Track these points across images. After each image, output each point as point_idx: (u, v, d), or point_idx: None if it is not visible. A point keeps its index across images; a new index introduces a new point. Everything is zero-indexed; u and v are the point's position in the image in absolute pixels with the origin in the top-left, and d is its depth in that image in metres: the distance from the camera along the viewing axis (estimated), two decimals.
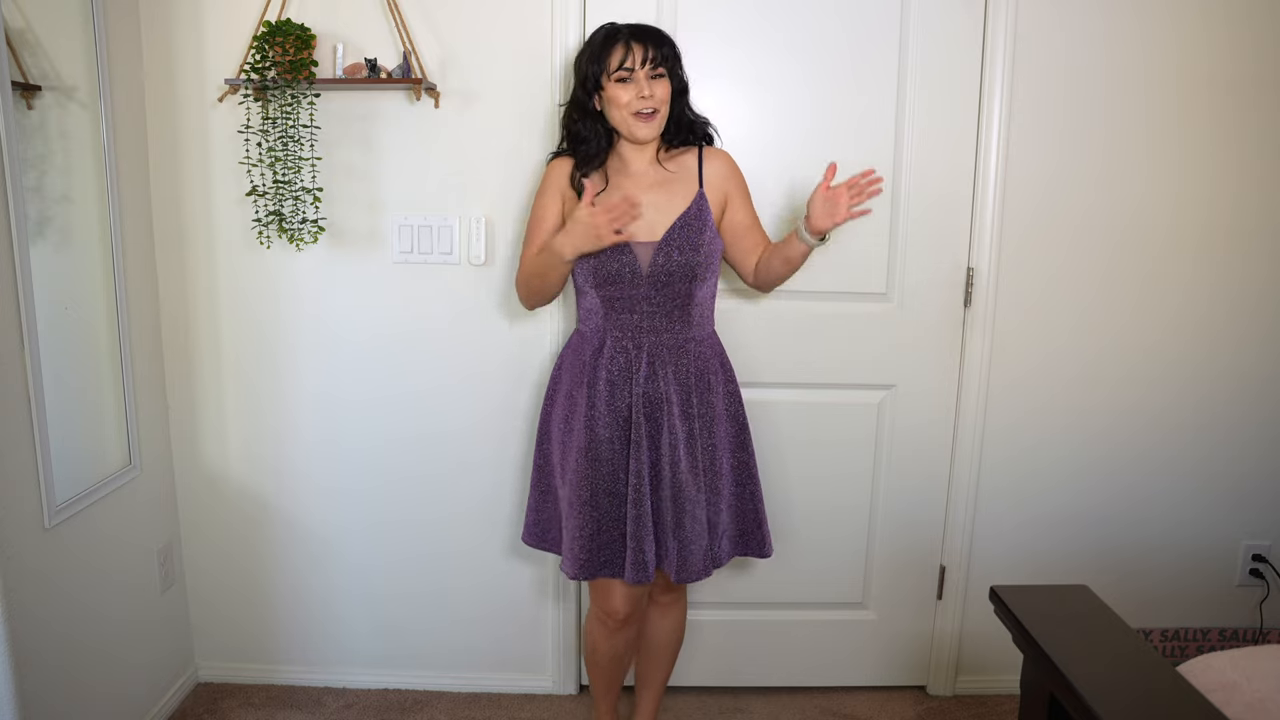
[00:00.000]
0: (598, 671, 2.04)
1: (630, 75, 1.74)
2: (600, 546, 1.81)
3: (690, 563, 1.81)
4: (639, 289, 1.78)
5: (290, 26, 1.93)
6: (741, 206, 1.89)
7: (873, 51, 2.09)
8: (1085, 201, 2.17)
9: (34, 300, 1.69)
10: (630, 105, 1.75)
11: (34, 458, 1.72)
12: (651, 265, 1.77)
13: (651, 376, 1.80)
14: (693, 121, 1.88)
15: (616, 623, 1.92)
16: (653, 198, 1.81)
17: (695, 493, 1.80)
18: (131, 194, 2.05)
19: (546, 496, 1.96)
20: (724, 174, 1.87)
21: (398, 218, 2.13)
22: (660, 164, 1.86)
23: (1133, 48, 2.10)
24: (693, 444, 1.81)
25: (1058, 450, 2.28)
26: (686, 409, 1.81)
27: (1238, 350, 2.26)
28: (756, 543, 1.95)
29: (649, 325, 1.81)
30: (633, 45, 1.74)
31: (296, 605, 2.33)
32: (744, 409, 1.93)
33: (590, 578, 1.83)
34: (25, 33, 1.71)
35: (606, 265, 1.77)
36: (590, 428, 1.80)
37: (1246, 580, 2.37)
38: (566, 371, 1.89)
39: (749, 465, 1.93)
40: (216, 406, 2.23)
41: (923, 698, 2.38)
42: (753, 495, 1.93)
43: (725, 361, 1.92)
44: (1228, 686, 1.31)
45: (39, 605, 1.74)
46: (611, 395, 1.80)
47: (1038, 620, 1.24)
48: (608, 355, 1.81)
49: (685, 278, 1.79)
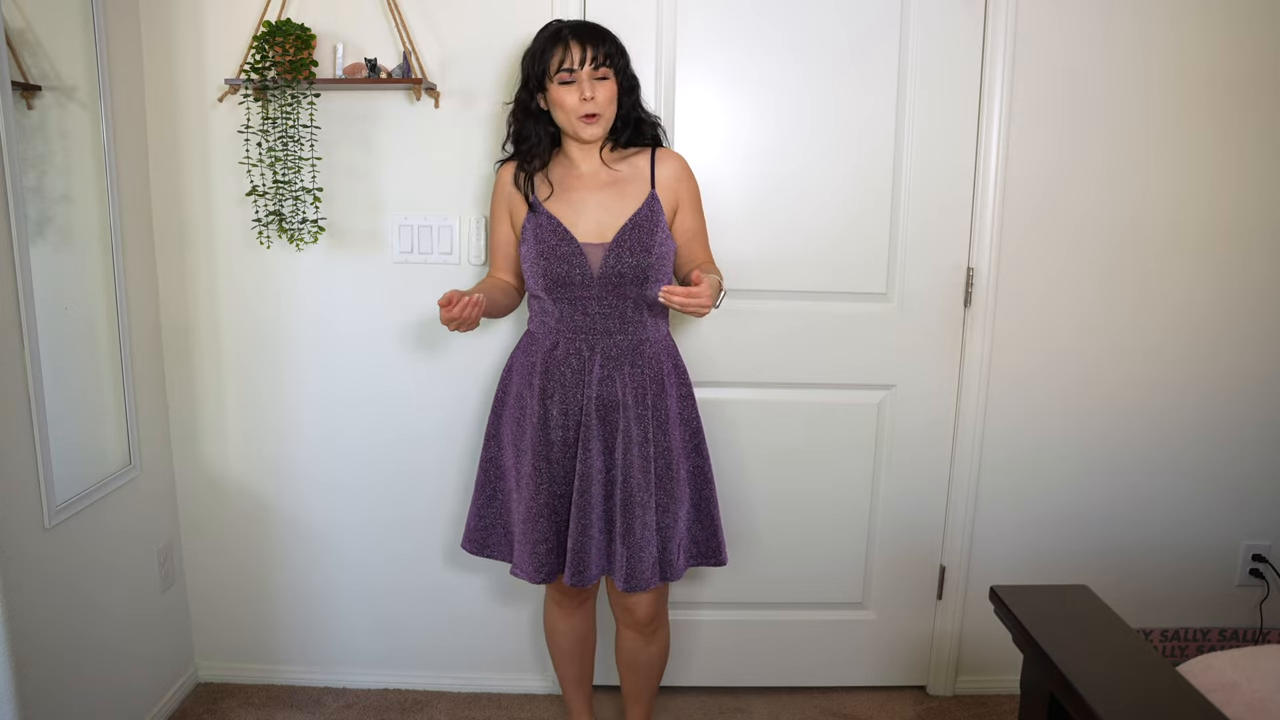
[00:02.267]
0: (563, 658, 2.03)
1: (572, 76, 1.71)
2: (554, 550, 1.81)
3: (638, 570, 1.77)
4: (590, 291, 1.76)
5: (290, 26, 1.93)
6: (691, 213, 1.85)
7: (873, 51, 2.09)
8: (1085, 201, 2.17)
9: (34, 300, 1.69)
10: (575, 109, 1.72)
11: (34, 457, 1.72)
12: (603, 267, 1.74)
13: (606, 379, 1.77)
14: (640, 120, 1.84)
15: (573, 602, 1.94)
16: (602, 198, 1.78)
17: (646, 498, 1.77)
18: (131, 194, 2.05)
19: (492, 501, 1.92)
20: (676, 176, 1.83)
21: (398, 218, 2.13)
22: (608, 164, 1.82)
23: (1132, 48, 2.10)
24: (646, 448, 1.78)
25: (1058, 450, 2.28)
26: (641, 412, 1.78)
27: (1238, 350, 2.26)
28: (712, 551, 1.91)
29: (602, 327, 1.78)
30: (572, 45, 1.71)
31: (296, 604, 2.33)
32: (698, 412, 1.89)
33: (545, 581, 1.83)
34: (25, 33, 1.71)
35: (556, 268, 1.74)
36: (544, 431, 1.78)
37: (1246, 580, 2.37)
38: (516, 373, 1.86)
39: (704, 470, 1.89)
40: (216, 406, 2.23)
41: (923, 698, 2.38)
42: (707, 502, 1.89)
43: (679, 363, 1.88)
44: (1228, 686, 1.31)
45: (39, 605, 1.74)
46: (564, 398, 1.78)
47: (1038, 620, 1.24)
48: (560, 357, 1.79)
49: (637, 280, 1.75)
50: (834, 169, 2.13)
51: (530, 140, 1.81)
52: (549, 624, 2.02)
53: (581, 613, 1.99)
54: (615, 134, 1.83)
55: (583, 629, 2.02)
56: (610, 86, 1.75)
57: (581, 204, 1.79)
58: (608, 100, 1.74)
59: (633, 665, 1.99)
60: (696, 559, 1.91)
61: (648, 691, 2.04)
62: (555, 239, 1.75)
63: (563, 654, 2.03)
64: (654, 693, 2.06)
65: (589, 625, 2.04)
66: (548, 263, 1.75)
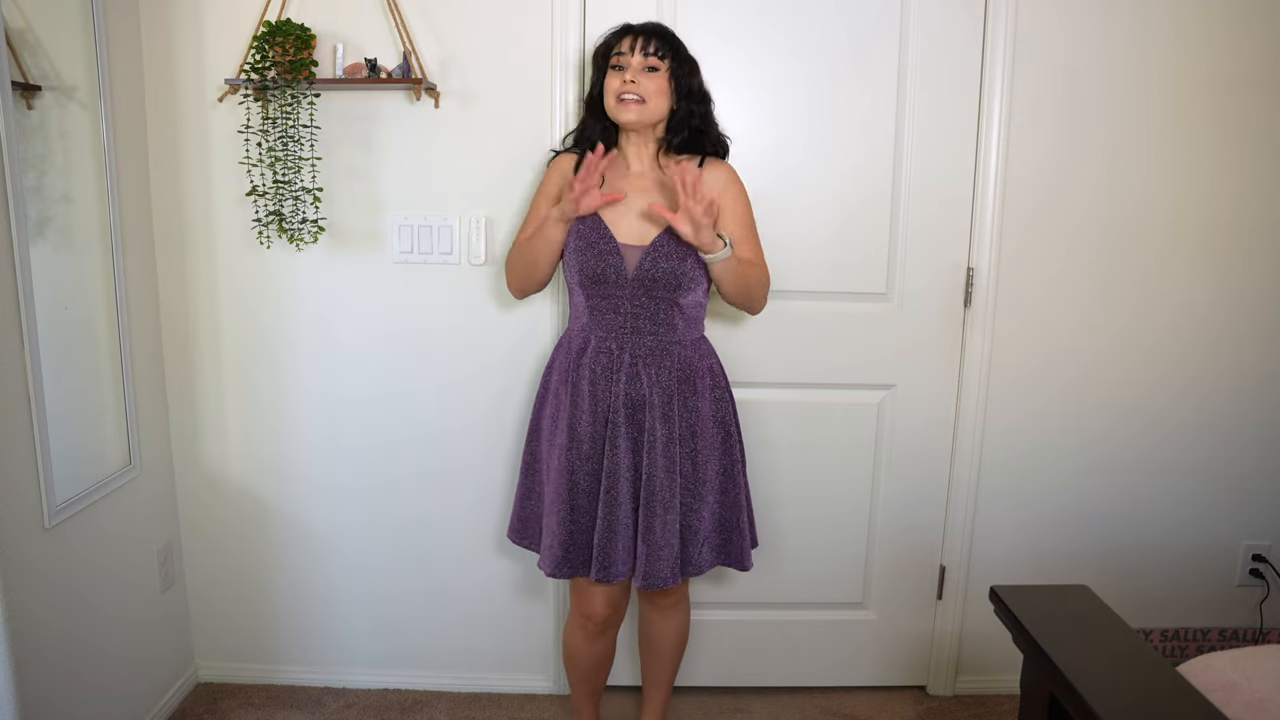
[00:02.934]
0: (578, 677, 2.03)
1: (623, 61, 1.77)
2: (577, 545, 1.81)
3: (656, 568, 1.78)
4: (623, 290, 1.78)
5: (290, 26, 1.93)
6: (733, 221, 1.85)
7: (873, 51, 2.09)
8: (1085, 201, 2.17)
9: (34, 300, 1.69)
10: (616, 90, 1.76)
11: (34, 458, 1.72)
12: (638, 269, 1.76)
13: (634, 378, 1.79)
14: (704, 132, 1.85)
15: (596, 627, 1.92)
16: (647, 200, 1.80)
17: (669, 497, 1.78)
18: (131, 194, 2.05)
19: (531, 493, 1.95)
20: (721, 184, 1.84)
21: (398, 218, 2.13)
22: (661, 168, 1.86)
23: (1132, 48, 2.10)
24: (671, 448, 1.79)
25: (1058, 450, 2.28)
26: (668, 412, 1.79)
27: (1238, 350, 2.26)
28: (737, 553, 1.92)
29: (632, 327, 1.80)
30: (629, 36, 1.77)
31: (296, 605, 2.33)
32: (735, 415, 1.91)
33: (567, 576, 1.83)
34: (25, 33, 1.71)
35: (592, 265, 1.77)
36: (572, 426, 1.80)
37: (1246, 580, 2.37)
38: (556, 370, 1.89)
39: (735, 473, 1.89)
40: (216, 406, 2.23)
41: (923, 698, 2.38)
42: (735, 504, 1.90)
43: (715, 366, 1.89)
44: (1228, 686, 1.31)
45: (39, 605, 1.74)
46: (594, 394, 1.80)
47: (1038, 620, 1.24)
48: (591, 355, 1.81)
49: (670, 285, 1.77)
50: (833, 168, 2.13)
51: (589, 133, 1.86)
52: (569, 647, 2.01)
53: (604, 640, 1.97)
54: (675, 141, 1.84)
55: (602, 654, 2.01)
56: (659, 80, 1.77)
57: (627, 204, 1.81)
58: (653, 91, 1.77)
59: (650, 641, 2.04)
60: (723, 559, 1.92)
61: (665, 676, 2.07)
62: (595, 235, 1.78)
63: (579, 674, 2.03)
64: (671, 679, 2.09)
65: (609, 652, 2.02)
66: (584, 258, 1.78)
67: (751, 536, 1.95)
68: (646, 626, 2.05)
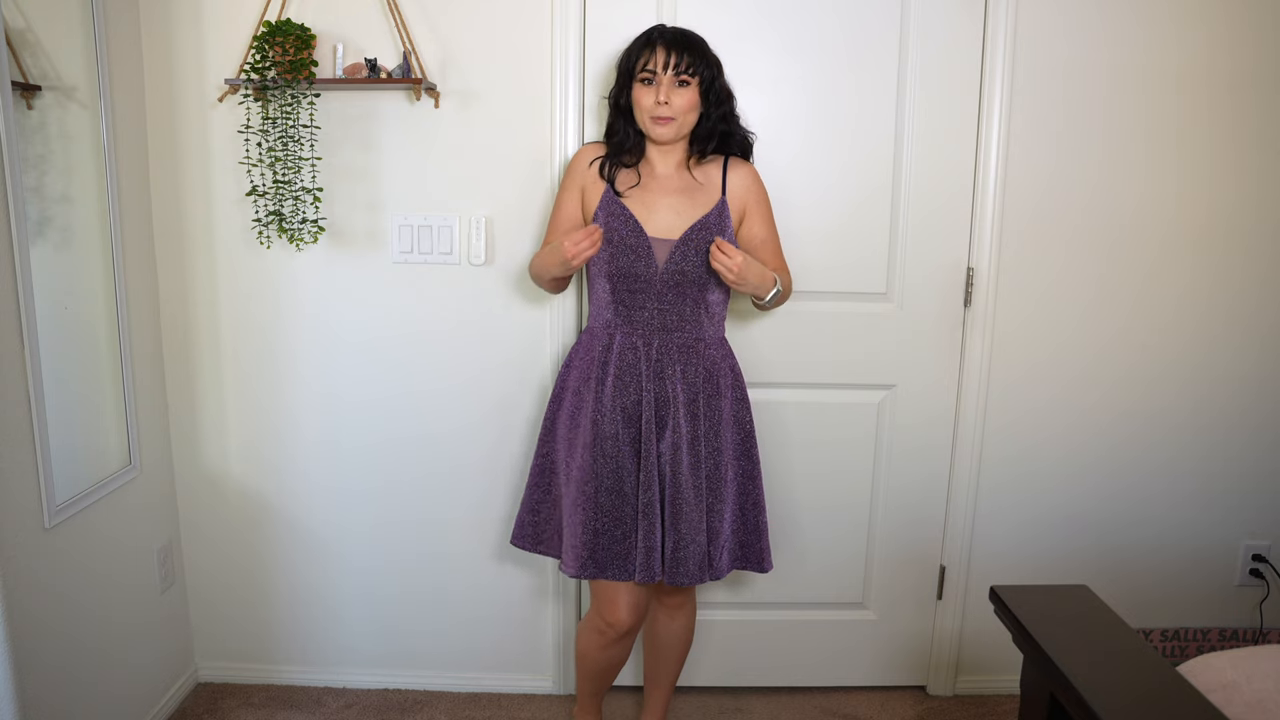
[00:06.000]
0: (587, 676, 2.03)
1: (653, 78, 1.76)
2: (602, 545, 1.80)
3: (684, 565, 1.79)
4: (652, 286, 1.79)
5: (290, 26, 1.93)
6: (758, 220, 1.89)
7: (873, 51, 2.09)
8: (1085, 201, 2.17)
9: (34, 300, 1.69)
10: (649, 110, 1.77)
11: (34, 458, 1.72)
12: (667, 265, 1.78)
13: (660, 375, 1.80)
14: (729, 133, 1.86)
15: (617, 634, 1.90)
16: (673, 201, 1.82)
17: (694, 495, 1.79)
18: (131, 194, 2.05)
19: (546, 497, 1.95)
20: (745, 185, 1.87)
21: (398, 218, 2.13)
22: (689, 170, 1.86)
23: (1133, 48, 2.10)
24: (696, 446, 1.81)
25: (1058, 450, 2.28)
26: (693, 410, 1.81)
27: (1237, 350, 2.26)
28: (755, 556, 1.92)
29: (660, 324, 1.81)
30: (659, 49, 1.76)
31: (296, 605, 2.33)
32: (752, 417, 1.93)
33: (591, 577, 1.82)
34: (25, 33, 1.71)
35: (623, 260, 1.78)
36: (596, 423, 1.80)
37: (1246, 580, 2.37)
38: (575, 369, 1.89)
39: (753, 475, 1.91)
40: (216, 406, 2.23)
41: (923, 698, 2.38)
42: (754, 505, 1.91)
43: (735, 367, 1.91)
44: (1228, 686, 1.31)
45: (39, 605, 1.74)
46: (619, 391, 1.80)
47: (1038, 620, 1.24)
48: (617, 351, 1.81)
49: (698, 282, 1.80)
50: (833, 168, 2.13)
51: (618, 136, 1.86)
52: (583, 649, 1.99)
53: (619, 646, 1.95)
54: (701, 144, 1.85)
55: (617, 658, 1.98)
56: (690, 95, 1.78)
57: (654, 204, 1.82)
58: (685, 107, 1.77)
59: (656, 641, 2.05)
60: (741, 562, 1.93)
61: (668, 676, 2.07)
62: (626, 230, 1.79)
63: (588, 675, 2.03)
64: (674, 679, 2.09)
65: (624, 656, 2.00)
66: (615, 252, 1.78)
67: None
68: (652, 625, 2.05)
